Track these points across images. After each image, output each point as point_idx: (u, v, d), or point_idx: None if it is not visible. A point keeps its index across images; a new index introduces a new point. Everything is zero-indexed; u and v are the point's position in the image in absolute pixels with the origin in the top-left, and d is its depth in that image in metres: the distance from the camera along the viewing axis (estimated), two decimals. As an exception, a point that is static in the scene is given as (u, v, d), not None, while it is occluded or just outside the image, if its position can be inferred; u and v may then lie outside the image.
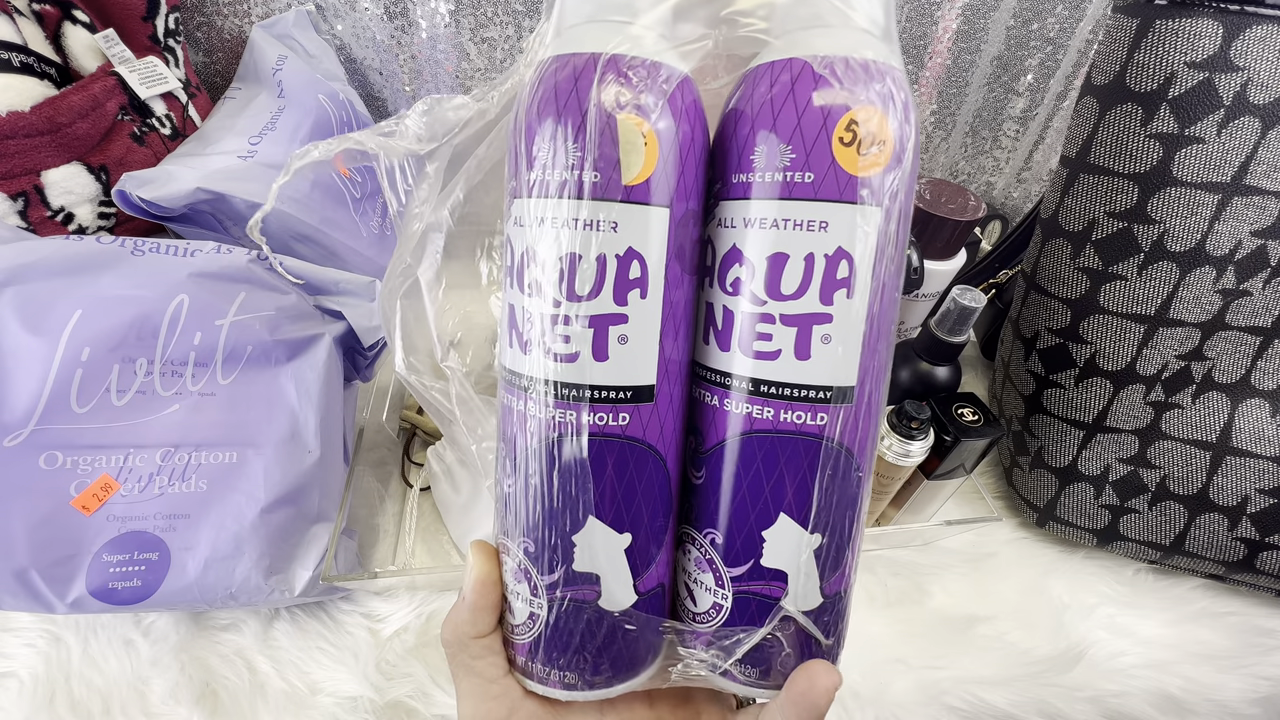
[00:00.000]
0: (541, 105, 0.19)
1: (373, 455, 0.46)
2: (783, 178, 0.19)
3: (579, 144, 0.18)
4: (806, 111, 0.18)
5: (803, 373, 0.19)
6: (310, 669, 0.39)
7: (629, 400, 0.20)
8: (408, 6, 0.61)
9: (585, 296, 0.19)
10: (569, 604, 0.21)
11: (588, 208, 0.18)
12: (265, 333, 0.36)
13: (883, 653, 0.42)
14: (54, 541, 0.32)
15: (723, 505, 0.21)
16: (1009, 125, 0.74)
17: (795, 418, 0.20)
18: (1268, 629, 0.46)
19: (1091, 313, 0.43)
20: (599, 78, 0.18)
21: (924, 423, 0.39)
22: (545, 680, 0.22)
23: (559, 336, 0.19)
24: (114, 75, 0.47)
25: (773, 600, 0.21)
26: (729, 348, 0.20)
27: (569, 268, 0.19)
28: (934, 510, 0.47)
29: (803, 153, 0.18)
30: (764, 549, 0.20)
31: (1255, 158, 0.37)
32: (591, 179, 0.18)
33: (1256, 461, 0.44)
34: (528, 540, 0.21)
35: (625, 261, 0.19)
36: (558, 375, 0.19)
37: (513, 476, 0.21)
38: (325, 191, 0.52)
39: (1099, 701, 0.41)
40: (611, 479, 0.20)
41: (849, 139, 0.18)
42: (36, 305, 0.32)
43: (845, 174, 0.18)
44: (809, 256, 0.19)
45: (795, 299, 0.19)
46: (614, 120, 0.18)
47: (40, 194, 0.44)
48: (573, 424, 0.19)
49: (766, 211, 0.19)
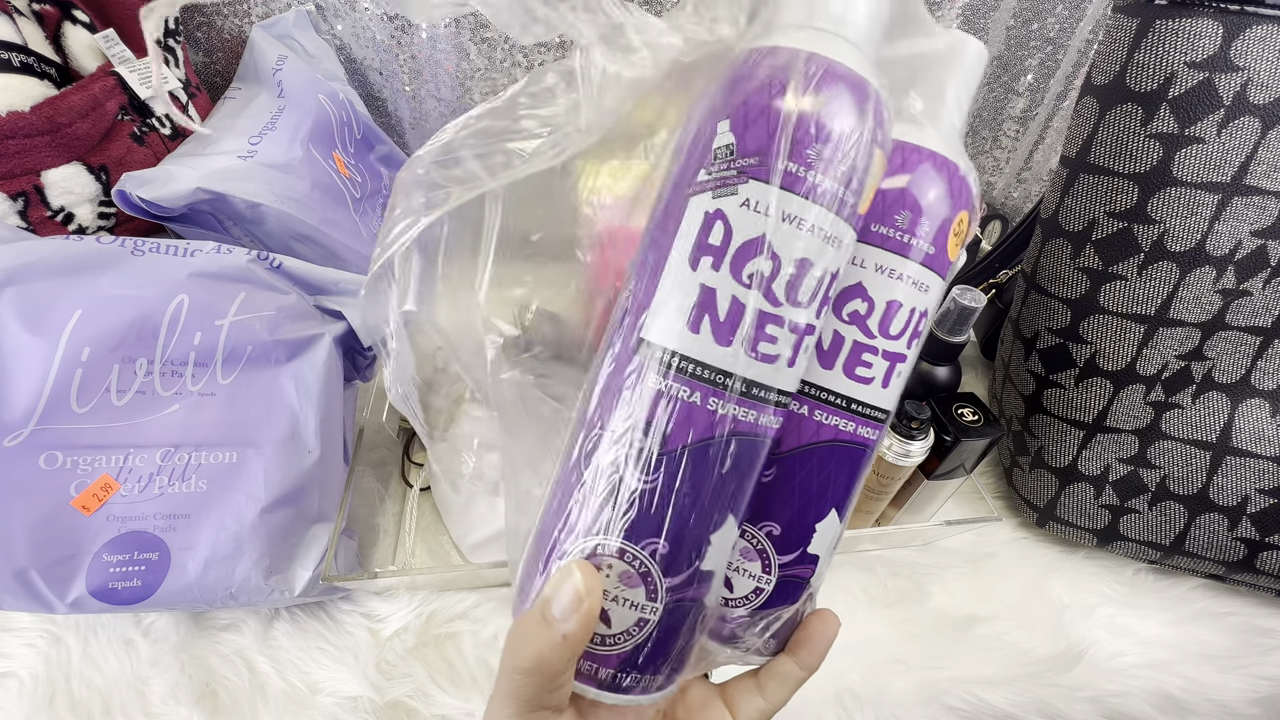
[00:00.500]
0: (824, 106, 0.19)
1: (373, 455, 0.46)
2: (917, 244, 0.22)
3: (849, 162, 0.19)
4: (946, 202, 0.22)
5: (882, 398, 0.23)
6: (310, 669, 0.39)
7: (786, 405, 0.21)
8: (408, 6, 0.61)
9: (803, 304, 0.20)
10: (684, 605, 0.21)
11: (839, 225, 0.20)
12: (265, 333, 0.36)
13: (883, 653, 0.42)
14: (54, 541, 0.32)
15: (789, 500, 0.23)
16: (1009, 125, 0.74)
17: (867, 432, 0.23)
18: (1268, 629, 0.46)
19: (1091, 313, 0.43)
20: (875, 106, 0.19)
21: (924, 423, 0.39)
22: (634, 688, 0.21)
23: (768, 336, 0.19)
24: (114, 75, 0.47)
25: (803, 580, 0.24)
26: (832, 368, 0.23)
27: (799, 272, 0.19)
28: (934, 510, 0.47)
29: (934, 230, 0.22)
30: (814, 538, 0.23)
31: (1255, 158, 0.37)
32: (849, 198, 0.19)
33: (1256, 461, 0.44)
34: (661, 542, 0.20)
35: (832, 279, 0.20)
36: (756, 375, 0.20)
37: (656, 473, 0.19)
38: (325, 192, 0.52)
39: (1099, 701, 0.41)
40: (751, 478, 0.21)
41: (958, 230, 0.23)
42: (36, 305, 0.32)
43: (947, 257, 0.23)
44: (913, 310, 0.23)
45: (896, 339, 0.23)
46: (876, 153, 0.20)
47: (40, 194, 0.44)
48: (754, 423, 0.20)
49: (898, 266, 0.22)
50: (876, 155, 0.20)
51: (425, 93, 0.67)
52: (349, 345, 0.41)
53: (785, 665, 0.24)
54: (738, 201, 0.19)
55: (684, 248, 0.20)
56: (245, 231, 0.47)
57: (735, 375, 0.19)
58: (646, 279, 0.20)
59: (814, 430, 0.23)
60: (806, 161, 0.19)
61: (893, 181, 0.22)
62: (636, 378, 0.20)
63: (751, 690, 0.25)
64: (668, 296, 0.20)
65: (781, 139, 0.18)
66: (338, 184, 0.54)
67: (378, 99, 0.68)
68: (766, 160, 0.19)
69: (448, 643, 0.40)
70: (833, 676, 0.40)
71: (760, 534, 0.23)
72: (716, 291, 0.19)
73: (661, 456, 0.19)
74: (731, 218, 0.19)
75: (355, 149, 0.60)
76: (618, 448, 0.20)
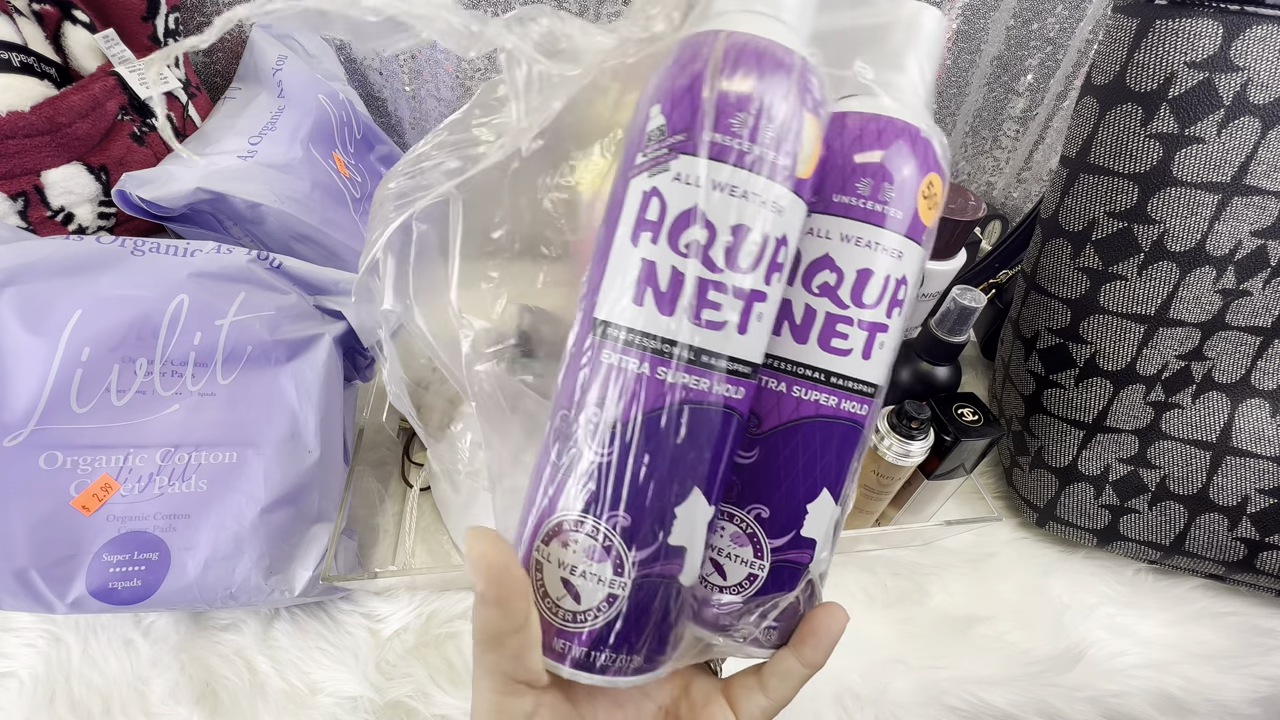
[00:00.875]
0: (743, 76, 0.19)
1: (373, 455, 0.46)
2: (881, 209, 0.22)
3: (776, 127, 0.19)
4: (910, 164, 0.22)
5: (864, 370, 0.23)
6: (310, 669, 0.39)
7: (747, 376, 0.21)
8: (408, 6, 0.61)
9: (745, 269, 0.20)
10: (653, 581, 0.20)
11: (773, 188, 0.20)
12: (265, 333, 0.36)
13: (883, 653, 0.42)
14: (54, 541, 0.32)
15: (776, 480, 0.23)
16: (1009, 125, 0.74)
17: (852, 407, 0.23)
18: (1268, 629, 0.46)
19: (1091, 313, 0.43)
20: (800, 72, 0.20)
21: (924, 423, 0.39)
22: (608, 669, 0.21)
23: (711, 303, 0.20)
24: (114, 75, 0.47)
25: (801, 566, 0.23)
26: (806, 341, 0.22)
27: (735, 238, 0.20)
28: (934, 510, 0.47)
29: (900, 194, 0.22)
30: (806, 520, 0.23)
31: (1255, 158, 0.37)
32: (781, 161, 0.20)
33: (1256, 461, 0.44)
34: (623, 515, 0.20)
35: (779, 245, 0.20)
36: (702, 341, 0.20)
37: (611, 446, 0.20)
38: (325, 192, 0.52)
39: (1099, 701, 0.41)
40: (718, 450, 0.21)
41: (928, 194, 0.22)
42: (36, 305, 0.32)
43: (920, 221, 0.23)
44: (887, 277, 0.22)
45: (873, 308, 0.22)
46: (806, 117, 0.20)
47: (40, 194, 0.44)
48: (706, 392, 0.20)
49: (865, 233, 0.22)
50: (807, 120, 0.20)
51: (425, 93, 0.67)
52: (349, 345, 0.41)
53: (788, 661, 0.23)
54: (670, 176, 0.20)
55: (626, 227, 0.20)
56: (245, 231, 0.47)
57: (680, 343, 0.20)
58: (597, 262, 0.21)
59: (794, 407, 0.23)
60: (731, 131, 0.19)
61: (852, 151, 0.22)
62: (591, 355, 0.21)
63: (754, 687, 0.24)
64: (614, 274, 0.20)
65: (705, 112, 0.19)
66: (338, 184, 0.54)
67: (378, 99, 0.68)
68: (693, 134, 0.19)
69: (448, 643, 0.40)
70: (833, 676, 0.40)
71: (749, 517, 0.23)
72: (656, 264, 0.20)
73: (615, 428, 0.20)
74: (665, 192, 0.20)
75: (355, 149, 0.60)
76: (577, 425, 0.21)
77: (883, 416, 0.41)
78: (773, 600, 0.23)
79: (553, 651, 0.21)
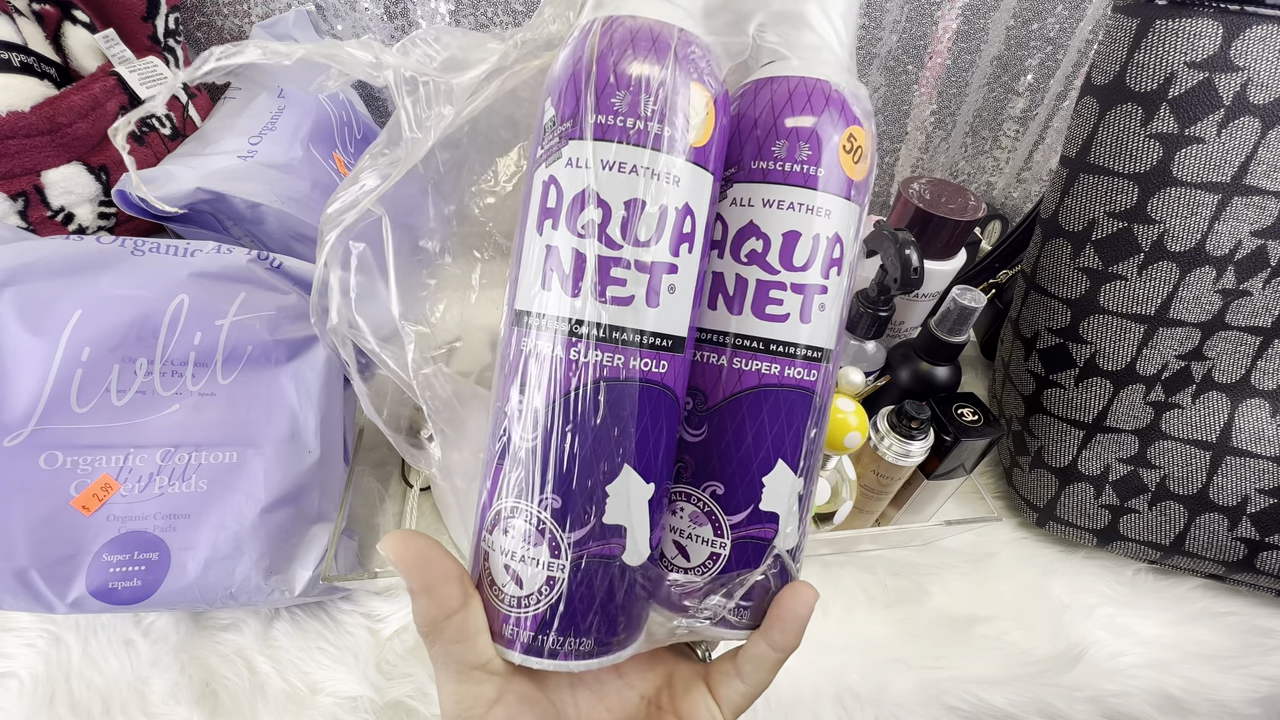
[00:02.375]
0: (619, 55, 0.20)
1: (373, 455, 0.46)
2: (801, 169, 0.22)
3: (657, 100, 0.20)
4: (824, 121, 0.22)
5: (806, 334, 0.22)
6: (310, 669, 0.39)
7: (669, 349, 0.21)
8: (408, 6, 0.61)
9: (646, 243, 0.20)
10: (593, 562, 0.21)
11: (660, 159, 0.20)
12: (265, 333, 0.36)
13: (883, 653, 0.42)
14: (54, 541, 0.32)
15: (727, 455, 0.23)
16: (1009, 125, 0.74)
17: (797, 373, 0.22)
18: (1268, 629, 0.46)
19: (1091, 313, 0.43)
20: (677, 44, 0.20)
21: (924, 423, 0.39)
22: (558, 653, 0.21)
23: (615, 279, 0.20)
24: (114, 75, 0.47)
25: (765, 541, 0.23)
26: (741, 311, 0.22)
27: (633, 213, 0.20)
28: (934, 510, 0.47)
29: (818, 152, 0.22)
30: (763, 494, 0.23)
31: (1255, 158, 0.37)
32: (667, 132, 0.20)
33: (1256, 461, 0.44)
34: (553, 496, 0.20)
35: (682, 216, 0.20)
36: (610, 319, 0.20)
37: (535, 430, 0.20)
38: (325, 192, 0.52)
39: (1099, 701, 0.41)
40: (648, 426, 0.21)
41: (849, 148, 0.22)
42: (36, 305, 0.32)
43: (845, 176, 0.22)
44: (816, 237, 0.22)
45: (804, 271, 0.22)
46: (690, 85, 0.20)
47: (40, 194, 0.44)
48: (621, 368, 0.20)
49: (785, 195, 0.22)
50: (693, 89, 0.20)
51: (425, 93, 0.67)
52: (349, 345, 0.41)
53: (759, 647, 0.23)
54: (563, 163, 0.20)
55: (531, 218, 0.21)
56: (245, 231, 0.47)
57: (588, 322, 0.20)
58: (514, 256, 0.22)
59: (736, 379, 0.23)
60: (613, 110, 0.20)
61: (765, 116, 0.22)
62: (514, 345, 0.21)
63: (730, 673, 0.24)
64: (525, 265, 0.21)
65: (587, 96, 0.20)
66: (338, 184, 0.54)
67: (378, 99, 0.68)
68: (578, 119, 0.20)
69: (448, 643, 0.40)
70: (833, 676, 0.40)
71: (706, 495, 0.23)
72: (559, 248, 0.20)
73: (537, 413, 0.20)
74: (560, 179, 0.20)
75: (355, 149, 0.60)
76: (505, 414, 0.21)
77: (883, 416, 0.41)
78: (738, 579, 0.23)
79: (502, 638, 0.21)
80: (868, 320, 0.45)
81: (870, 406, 0.44)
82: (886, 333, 0.54)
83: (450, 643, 0.20)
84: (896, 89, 0.70)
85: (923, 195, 0.50)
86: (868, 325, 0.45)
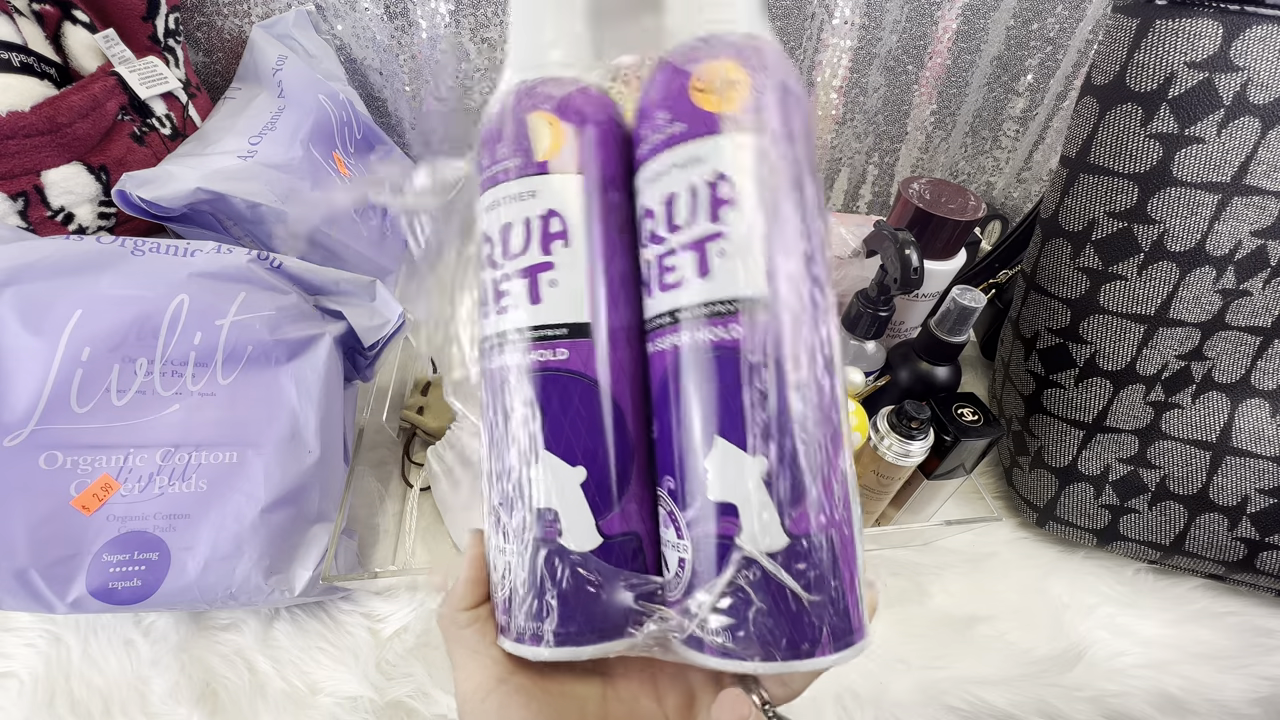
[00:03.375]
0: (486, 125, 0.24)
1: (373, 455, 0.46)
2: (663, 136, 0.22)
3: (505, 142, 0.23)
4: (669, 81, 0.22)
5: (706, 290, 0.20)
6: (310, 669, 0.39)
7: (566, 337, 0.22)
8: (408, 6, 0.61)
9: (518, 254, 0.23)
10: (533, 545, 0.22)
11: (513, 185, 0.23)
12: (265, 333, 0.36)
13: (883, 653, 0.42)
14: (54, 541, 0.32)
15: (669, 445, 0.21)
16: (1009, 125, 0.74)
17: (708, 334, 0.20)
18: (1268, 629, 0.46)
19: (1091, 313, 0.43)
20: (518, 97, 0.24)
21: (924, 423, 0.39)
22: (522, 637, 0.22)
23: (504, 292, 0.23)
24: (114, 75, 0.47)
25: (726, 540, 0.20)
26: (652, 293, 0.22)
27: (504, 235, 0.23)
28: (934, 510, 0.47)
29: (671, 110, 0.22)
30: (709, 480, 0.20)
31: (1255, 158, 0.37)
32: (515, 163, 0.23)
33: (1256, 461, 0.44)
34: (497, 486, 0.23)
35: (546, 220, 0.22)
36: (505, 325, 0.23)
37: (486, 434, 0.23)
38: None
39: (1099, 701, 0.41)
40: (557, 411, 0.22)
41: (703, 87, 0.21)
42: (36, 305, 0.32)
43: (707, 113, 0.21)
44: (692, 188, 0.21)
45: (689, 227, 0.21)
46: (525, 118, 0.23)
47: (40, 194, 0.44)
48: (517, 364, 0.22)
49: (657, 166, 0.22)
50: (530, 118, 0.23)
51: (425, 93, 0.67)
52: (349, 345, 0.42)
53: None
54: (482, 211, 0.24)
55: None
56: (245, 231, 0.47)
57: (490, 335, 0.23)
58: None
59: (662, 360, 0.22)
60: (485, 165, 0.24)
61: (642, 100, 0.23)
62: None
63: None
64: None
65: (479, 166, 0.25)
66: (338, 184, 0.54)
67: (378, 99, 0.68)
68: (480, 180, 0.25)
69: (448, 643, 0.40)
70: (833, 676, 0.40)
71: (664, 493, 0.22)
72: (483, 283, 0.24)
73: (489, 415, 0.23)
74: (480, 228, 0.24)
75: (355, 149, 0.60)
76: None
77: (883, 416, 0.41)
78: (711, 587, 0.19)
79: (497, 625, 0.23)
80: (868, 320, 0.45)
81: (870, 406, 0.44)
82: (886, 333, 0.55)
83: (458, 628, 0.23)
84: (896, 89, 0.70)
85: (923, 195, 0.50)
86: (868, 325, 0.45)
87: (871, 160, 0.76)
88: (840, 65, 0.68)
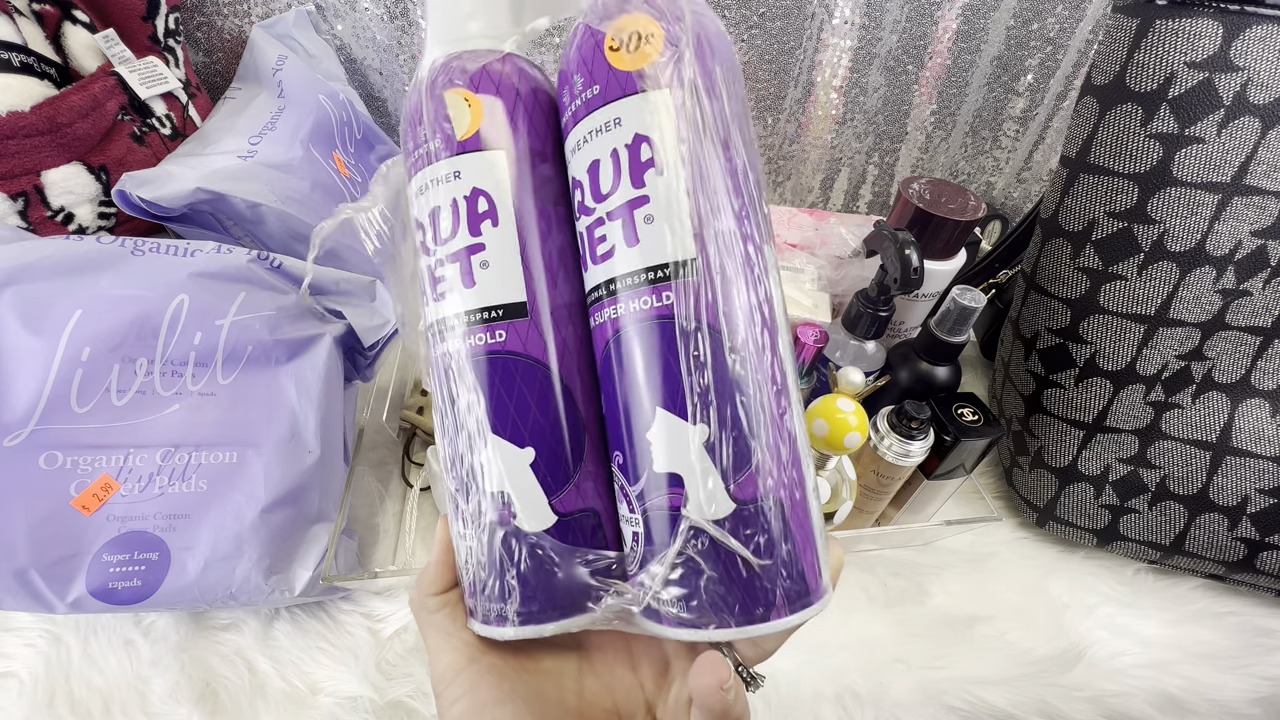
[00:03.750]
0: (408, 107, 0.23)
1: (373, 455, 0.46)
2: (581, 102, 0.21)
3: (425, 124, 0.22)
4: (583, 43, 0.21)
5: (634, 258, 0.20)
6: (310, 669, 0.39)
7: (503, 318, 0.22)
8: (408, 6, 0.61)
9: (448, 238, 0.22)
10: (490, 529, 0.22)
11: (438, 168, 0.22)
12: (265, 333, 0.36)
13: (883, 653, 0.42)
14: (54, 541, 0.32)
15: (616, 419, 0.21)
16: (1009, 125, 0.74)
17: (641, 304, 0.20)
18: (1268, 629, 0.46)
19: (1091, 313, 0.43)
20: (433, 75, 0.23)
21: (924, 423, 0.39)
22: (489, 618, 0.22)
23: (439, 278, 0.22)
24: (114, 75, 0.47)
25: (673, 511, 0.20)
26: (588, 266, 0.22)
27: (433, 220, 0.22)
28: (934, 510, 0.47)
29: (587, 74, 0.21)
30: (653, 452, 0.20)
31: (1255, 158, 0.37)
32: (437, 144, 0.22)
33: (1256, 461, 0.44)
34: (452, 473, 0.23)
35: (473, 200, 0.22)
36: (444, 312, 0.22)
37: (439, 420, 0.23)
38: (325, 192, 0.52)
39: (1099, 701, 0.41)
40: (500, 393, 0.22)
41: (617, 45, 0.20)
42: (36, 305, 0.32)
43: (622, 73, 0.20)
44: (614, 152, 0.20)
45: (614, 193, 0.20)
46: (442, 96, 0.22)
47: (40, 194, 0.44)
48: (458, 350, 0.22)
49: (579, 134, 0.21)
50: (448, 96, 0.22)
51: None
52: (349, 345, 0.41)
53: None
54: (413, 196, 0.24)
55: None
56: (245, 231, 0.47)
57: (431, 322, 0.23)
58: None
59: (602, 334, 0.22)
60: (411, 150, 0.23)
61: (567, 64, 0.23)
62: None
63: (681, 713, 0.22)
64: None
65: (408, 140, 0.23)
66: (338, 184, 0.54)
67: (378, 99, 0.68)
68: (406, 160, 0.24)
69: (448, 643, 0.40)
70: (833, 676, 0.40)
71: (615, 468, 0.22)
72: (421, 271, 0.23)
73: (434, 408, 0.23)
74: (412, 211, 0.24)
75: (355, 149, 0.60)
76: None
77: (883, 416, 0.41)
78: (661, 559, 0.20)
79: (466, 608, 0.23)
80: (868, 320, 0.45)
81: (870, 406, 0.44)
82: (886, 333, 0.55)
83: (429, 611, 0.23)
84: (896, 89, 0.70)
85: (923, 195, 0.50)
86: (868, 325, 0.45)
87: (871, 160, 0.76)
88: (840, 65, 0.68)
